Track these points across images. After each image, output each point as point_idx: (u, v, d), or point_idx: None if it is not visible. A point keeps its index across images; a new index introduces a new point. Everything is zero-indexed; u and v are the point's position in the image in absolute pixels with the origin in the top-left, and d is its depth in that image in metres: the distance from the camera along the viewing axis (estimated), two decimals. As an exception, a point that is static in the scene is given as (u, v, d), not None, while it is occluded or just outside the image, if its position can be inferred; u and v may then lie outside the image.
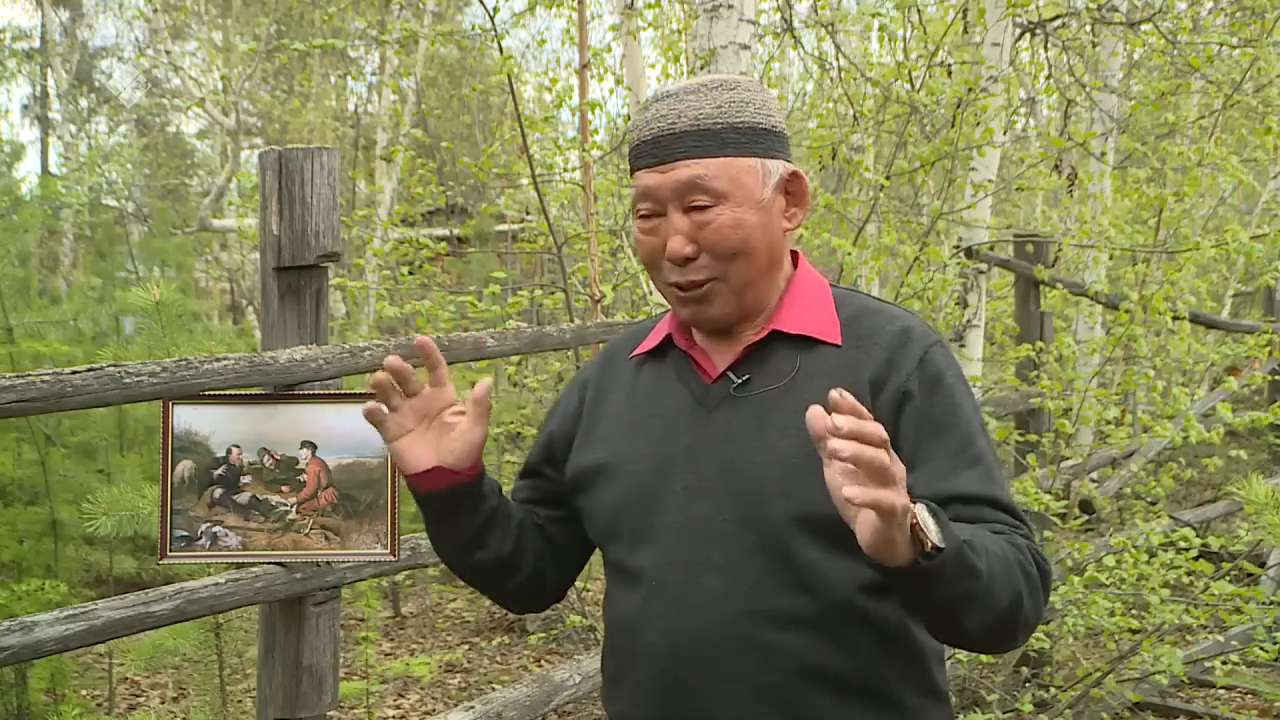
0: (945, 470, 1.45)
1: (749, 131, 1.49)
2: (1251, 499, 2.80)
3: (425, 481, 1.52)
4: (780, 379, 1.51)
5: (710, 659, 1.47)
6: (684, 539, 1.49)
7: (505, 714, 3.03)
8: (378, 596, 5.37)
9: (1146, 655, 4.18)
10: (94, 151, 17.54)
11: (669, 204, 1.50)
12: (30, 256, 7.31)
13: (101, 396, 2.35)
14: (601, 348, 1.89)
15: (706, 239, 1.48)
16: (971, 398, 1.53)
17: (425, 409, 1.51)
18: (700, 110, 1.49)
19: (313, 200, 2.70)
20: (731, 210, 1.48)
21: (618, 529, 1.57)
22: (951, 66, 6.24)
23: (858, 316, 1.54)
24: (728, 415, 1.51)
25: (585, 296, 4.87)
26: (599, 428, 1.62)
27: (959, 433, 1.47)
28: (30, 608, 3.66)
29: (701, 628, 1.47)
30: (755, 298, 1.53)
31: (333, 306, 8.08)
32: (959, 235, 6.04)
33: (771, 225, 1.51)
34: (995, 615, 1.34)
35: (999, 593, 1.33)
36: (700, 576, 1.48)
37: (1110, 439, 4.84)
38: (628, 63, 5.73)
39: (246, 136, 18.90)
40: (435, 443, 1.51)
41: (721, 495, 1.48)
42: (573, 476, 1.63)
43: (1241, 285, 10.57)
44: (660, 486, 1.52)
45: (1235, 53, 7.36)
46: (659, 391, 1.58)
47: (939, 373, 1.49)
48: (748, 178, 1.49)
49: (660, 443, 1.54)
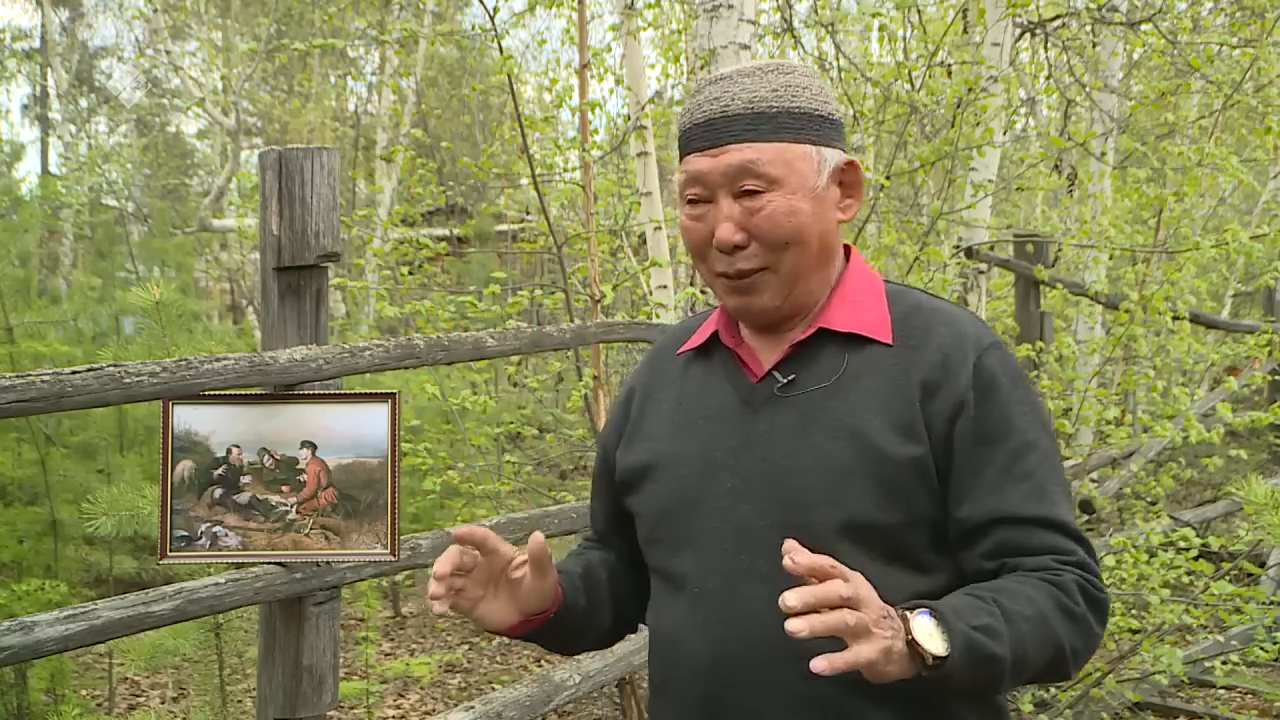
0: (993, 486, 1.39)
1: (805, 117, 1.44)
2: (1251, 499, 2.80)
3: (518, 631, 1.52)
4: (827, 379, 1.44)
5: (753, 669, 1.42)
6: (726, 545, 1.44)
7: (505, 714, 3.03)
8: (378, 596, 5.38)
9: (1146, 655, 4.18)
10: (94, 151, 17.54)
11: (719, 189, 1.44)
12: (30, 256, 7.31)
13: (101, 396, 2.34)
14: (646, 348, 1.86)
15: (757, 226, 1.42)
16: (1030, 403, 1.45)
17: (489, 575, 1.47)
18: (755, 93, 1.43)
19: (313, 200, 2.70)
20: (785, 197, 1.42)
21: (660, 532, 1.52)
22: (951, 66, 6.25)
23: (910, 314, 1.48)
24: (772, 416, 1.46)
25: (585, 296, 4.86)
26: (645, 427, 1.58)
27: (1010, 446, 1.40)
28: (30, 608, 3.66)
29: (745, 637, 1.42)
30: (806, 290, 1.48)
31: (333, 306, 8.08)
32: (959, 235, 6.04)
33: (825, 215, 1.46)
34: (1032, 676, 1.32)
35: (1033, 658, 1.30)
36: (743, 584, 1.42)
37: (1110, 439, 4.84)
38: (628, 63, 5.72)
39: (246, 136, 18.90)
40: (510, 597, 1.49)
41: (765, 500, 1.43)
42: (620, 478, 1.59)
43: (1241, 285, 10.57)
44: (703, 489, 1.47)
45: (1235, 53, 7.36)
46: (706, 390, 1.53)
47: (993, 379, 1.43)
48: (803, 164, 1.43)
49: (705, 444, 1.49)
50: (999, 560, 1.39)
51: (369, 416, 2.53)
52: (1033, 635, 1.29)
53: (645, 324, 4.14)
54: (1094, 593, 1.37)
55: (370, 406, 2.54)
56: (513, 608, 1.48)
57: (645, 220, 5.31)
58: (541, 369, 6.75)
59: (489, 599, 1.47)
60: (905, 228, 5.80)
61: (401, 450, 2.63)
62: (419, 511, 5.85)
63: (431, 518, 5.88)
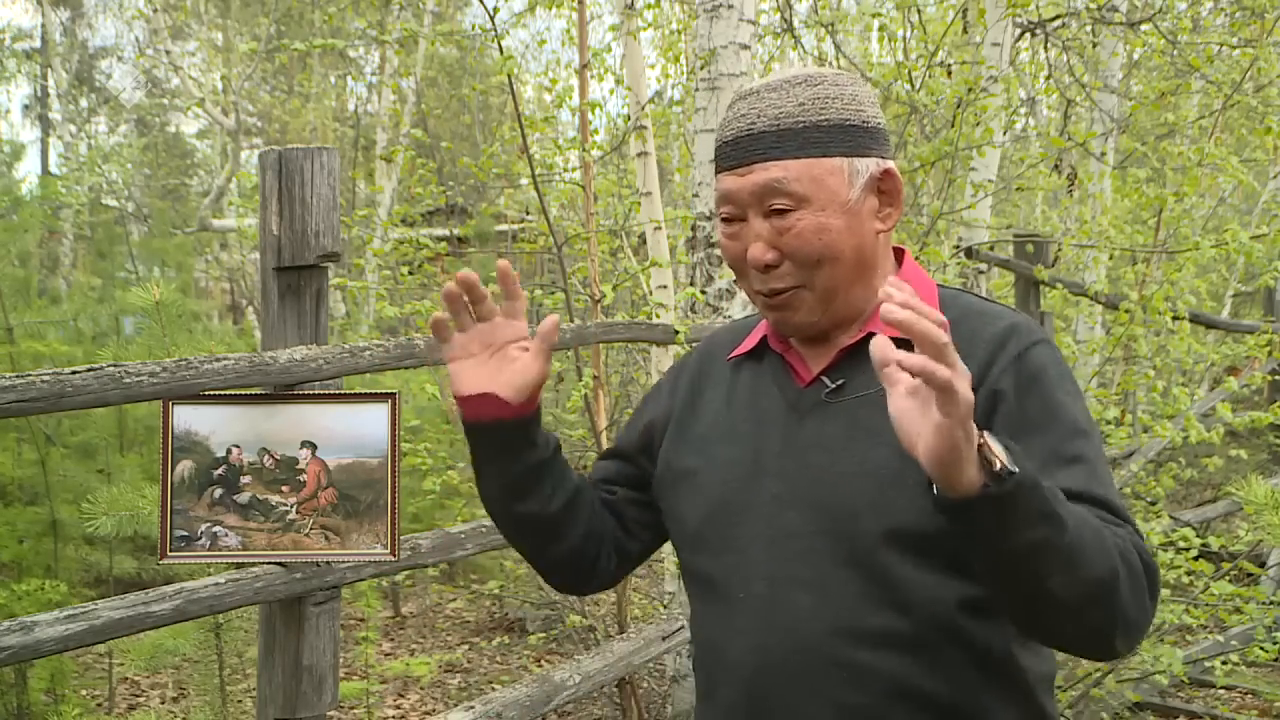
0: (1041, 469, 1.31)
1: (834, 129, 1.42)
2: (1251, 499, 2.80)
3: (473, 407, 1.46)
4: (874, 385, 1.40)
5: (797, 678, 1.40)
6: (771, 551, 1.43)
7: (505, 714, 3.03)
8: (378, 596, 5.37)
9: (1146, 655, 4.18)
10: (94, 151, 17.53)
11: (749, 208, 1.43)
12: (30, 256, 7.31)
13: (101, 396, 2.34)
14: (700, 340, 1.83)
15: (788, 245, 1.41)
16: (1078, 397, 1.42)
17: (492, 338, 1.44)
18: (781, 109, 1.42)
19: (313, 200, 2.70)
20: (814, 215, 1.40)
21: (705, 536, 1.50)
22: (951, 66, 6.25)
23: (960, 320, 1.42)
24: (820, 422, 1.45)
25: (585, 296, 4.86)
26: (695, 428, 1.56)
27: (1058, 431, 1.37)
28: (30, 608, 3.67)
29: (788, 645, 1.40)
30: (845, 304, 1.46)
31: (333, 306, 8.08)
32: (959, 235, 6.04)
33: (861, 228, 1.43)
34: (1085, 584, 1.22)
35: (1090, 556, 1.22)
36: (788, 592, 1.41)
37: (1110, 439, 4.84)
38: (628, 63, 5.72)
39: (246, 136, 18.90)
40: (495, 372, 1.45)
41: (810, 506, 1.41)
42: (663, 472, 1.58)
43: (1241, 285, 10.57)
44: (749, 495, 1.46)
45: (1235, 53, 7.36)
46: (755, 395, 1.52)
47: (1037, 371, 1.39)
48: (832, 179, 1.41)
49: (752, 449, 1.48)
50: None
51: (369, 416, 2.53)
52: (1091, 540, 1.23)
53: (645, 324, 4.14)
54: (1149, 561, 1.32)
55: (370, 406, 2.54)
56: (489, 382, 1.45)
57: (645, 220, 5.31)
58: (541, 369, 6.73)
59: (477, 360, 1.45)
60: (905, 228, 5.80)
61: (401, 450, 2.63)
62: (419, 511, 5.85)
63: (431, 518, 5.88)
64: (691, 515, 1.52)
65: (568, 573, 1.63)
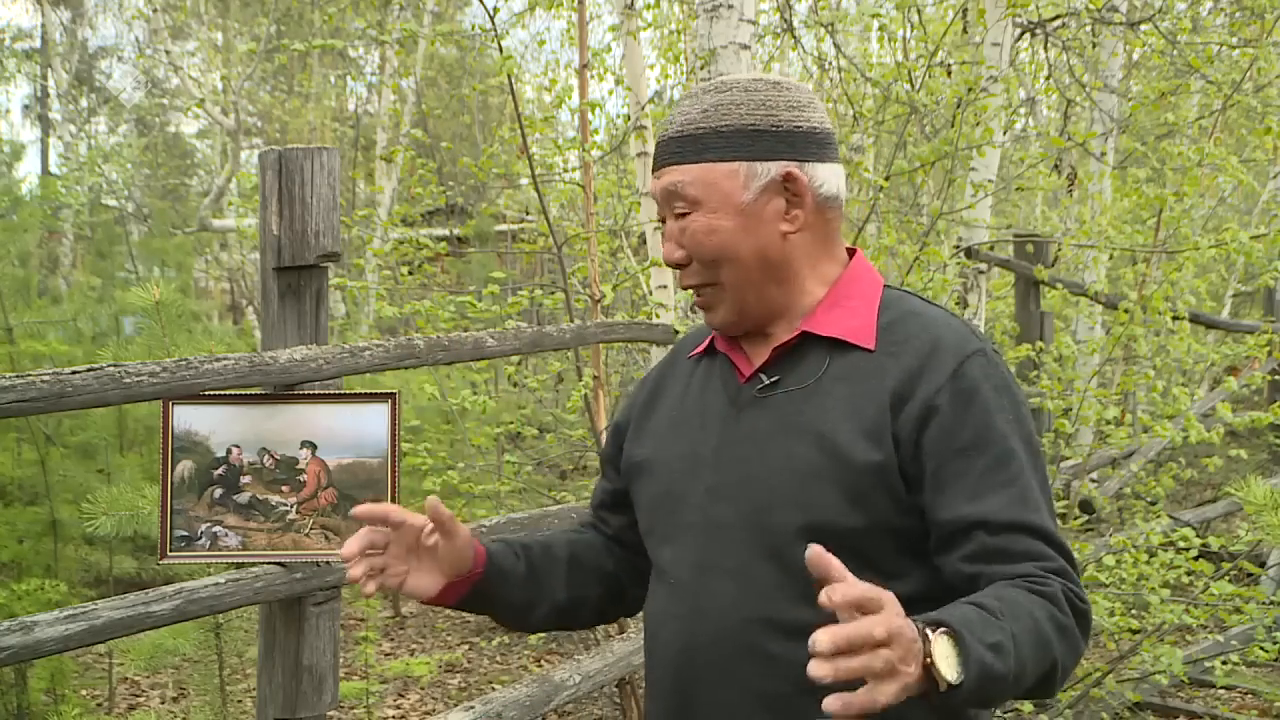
0: (972, 492, 1.38)
1: (734, 134, 1.46)
2: (1251, 499, 2.79)
3: (445, 598, 1.54)
4: (806, 382, 1.47)
5: (718, 664, 1.46)
6: (701, 540, 1.49)
7: (505, 714, 3.03)
8: (378, 596, 5.37)
9: (1146, 655, 4.18)
10: (94, 151, 17.51)
11: (664, 211, 1.52)
12: (30, 256, 7.30)
13: (101, 396, 2.34)
14: (646, 348, 1.94)
15: (688, 244, 1.49)
16: (1015, 410, 1.43)
17: (406, 547, 1.50)
18: (687, 116, 1.49)
19: (313, 200, 2.70)
20: (705, 216, 1.47)
21: (652, 526, 1.58)
22: (951, 66, 6.25)
23: (898, 321, 1.48)
24: (754, 417, 1.50)
25: (585, 296, 4.86)
26: (651, 422, 1.63)
27: (992, 452, 1.39)
28: (30, 608, 3.66)
29: (710, 632, 1.46)
30: (761, 303, 1.50)
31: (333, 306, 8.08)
32: (959, 235, 6.04)
33: (759, 230, 1.47)
34: (1025, 692, 1.31)
35: (1029, 674, 1.28)
36: (712, 580, 1.47)
37: (1110, 439, 4.84)
38: (628, 63, 5.72)
39: (246, 136, 18.90)
40: (432, 565, 1.52)
41: (738, 498, 1.47)
42: (626, 466, 1.65)
43: (1241, 285, 10.57)
44: (688, 486, 1.52)
45: (1235, 53, 7.36)
46: (704, 391, 1.58)
47: (973, 387, 1.41)
48: (726, 182, 1.46)
49: (694, 442, 1.54)
50: (978, 566, 1.37)
51: (369, 416, 2.53)
52: (1031, 653, 1.27)
53: (645, 324, 4.14)
54: (1079, 604, 1.36)
55: (370, 406, 2.54)
56: (437, 576, 1.52)
57: (645, 220, 5.31)
58: (541, 369, 6.74)
59: (414, 572, 1.51)
60: (905, 228, 5.80)
61: (401, 450, 2.63)
62: (419, 512, 5.83)
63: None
64: (644, 504, 1.60)
65: (610, 615, 1.76)
